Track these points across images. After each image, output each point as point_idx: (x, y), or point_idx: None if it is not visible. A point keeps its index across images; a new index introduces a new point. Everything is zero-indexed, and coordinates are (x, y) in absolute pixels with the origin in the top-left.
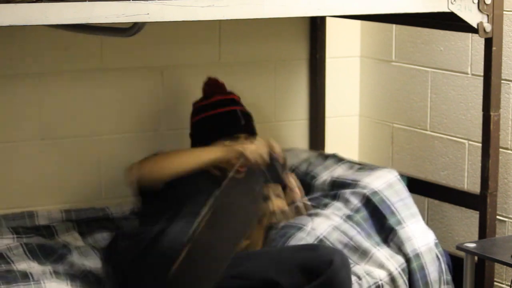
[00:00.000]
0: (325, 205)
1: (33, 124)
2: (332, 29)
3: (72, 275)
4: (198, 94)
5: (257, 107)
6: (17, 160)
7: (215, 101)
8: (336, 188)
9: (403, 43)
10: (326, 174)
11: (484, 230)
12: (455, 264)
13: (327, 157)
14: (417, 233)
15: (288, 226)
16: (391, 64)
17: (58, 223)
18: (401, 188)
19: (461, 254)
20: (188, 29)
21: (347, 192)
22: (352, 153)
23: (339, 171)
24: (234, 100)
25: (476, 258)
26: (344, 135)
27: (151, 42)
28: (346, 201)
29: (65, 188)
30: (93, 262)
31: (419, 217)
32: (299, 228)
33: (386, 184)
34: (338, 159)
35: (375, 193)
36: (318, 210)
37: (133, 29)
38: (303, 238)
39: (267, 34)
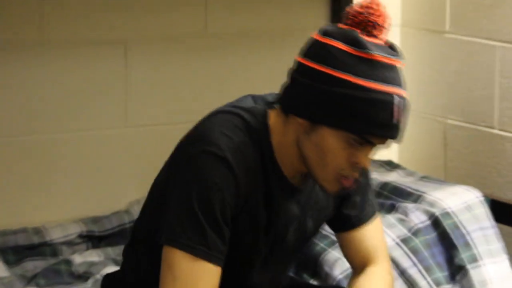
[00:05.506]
0: None
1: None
2: None
3: None
4: (180, 74)
5: (251, 91)
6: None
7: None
8: (386, 194)
9: (459, 7)
10: (373, 175)
11: None
12: None
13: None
14: (497, 277)
15: (323, 235)
16: (443, 36)
17: None
18: (483, 214)
19: None
20: None
21: (408, 206)
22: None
23: (393, 176)
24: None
25: None
26: None
27: (115, 10)
28: (404, 216)
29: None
30: None
31: (504, 257)
32: (334, 243)
33: (463, 205)
34: (394, 165)
35: (447, 214)
36: None
37: None
38: (337, 259)
39: None
